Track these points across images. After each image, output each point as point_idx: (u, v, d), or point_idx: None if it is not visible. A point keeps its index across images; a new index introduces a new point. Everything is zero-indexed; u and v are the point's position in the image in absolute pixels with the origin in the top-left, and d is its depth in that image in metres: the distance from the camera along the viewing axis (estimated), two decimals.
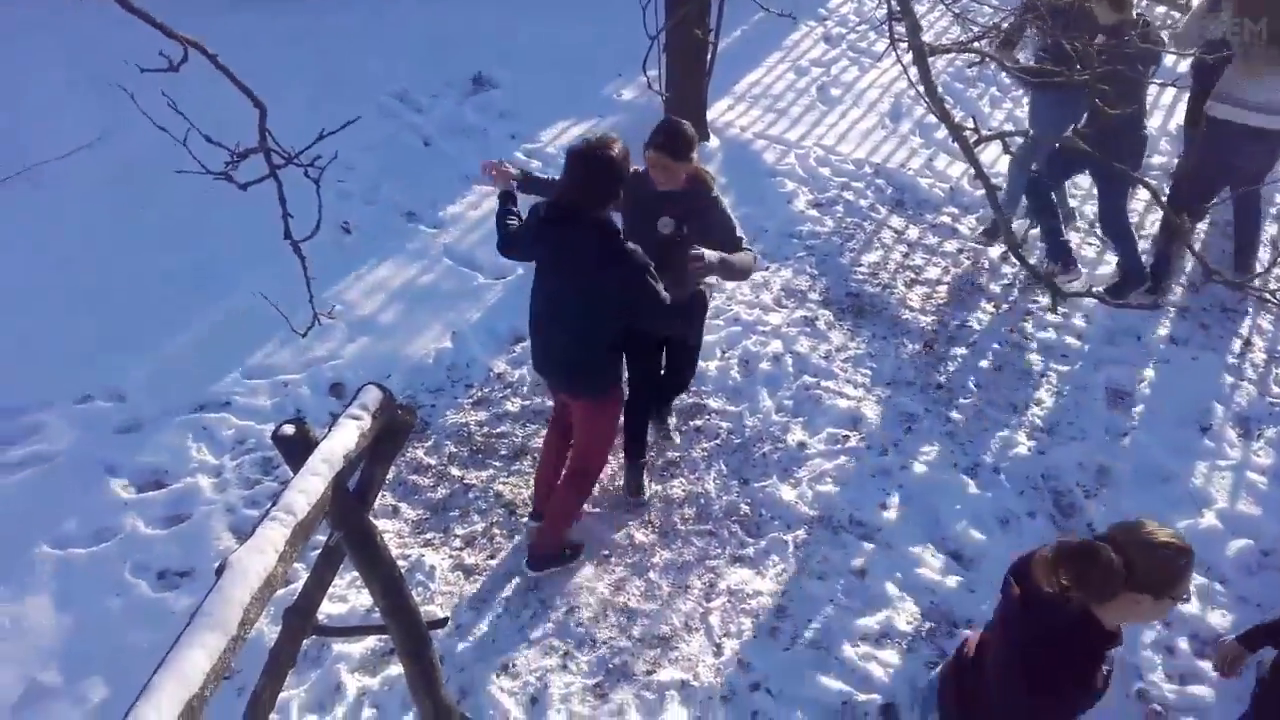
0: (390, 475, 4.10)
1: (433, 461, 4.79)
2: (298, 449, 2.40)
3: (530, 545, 4.37)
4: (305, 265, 2.53)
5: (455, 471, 4.75)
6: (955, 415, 5.08)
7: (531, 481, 4.59)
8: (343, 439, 2.39)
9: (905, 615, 4.25)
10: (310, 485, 2.27)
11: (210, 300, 5.44)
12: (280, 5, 7.77)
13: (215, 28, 7.54)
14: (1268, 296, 3.59)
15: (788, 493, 4.69)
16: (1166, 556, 2.38)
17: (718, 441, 4.93)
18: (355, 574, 4.03)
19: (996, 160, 6.50)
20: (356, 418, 2.46)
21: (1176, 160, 6.64)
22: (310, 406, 5.00)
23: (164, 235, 5.67)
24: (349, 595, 4.20)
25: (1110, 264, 5.98)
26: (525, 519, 4.52)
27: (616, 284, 3.60)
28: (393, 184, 6.24)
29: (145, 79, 2.13)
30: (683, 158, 3.82)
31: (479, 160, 6.45)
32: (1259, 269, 5.74)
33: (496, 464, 4.79)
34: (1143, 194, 6.35)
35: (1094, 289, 3.58)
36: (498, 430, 4.94)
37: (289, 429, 2.40)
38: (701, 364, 5.25)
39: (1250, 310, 5.73)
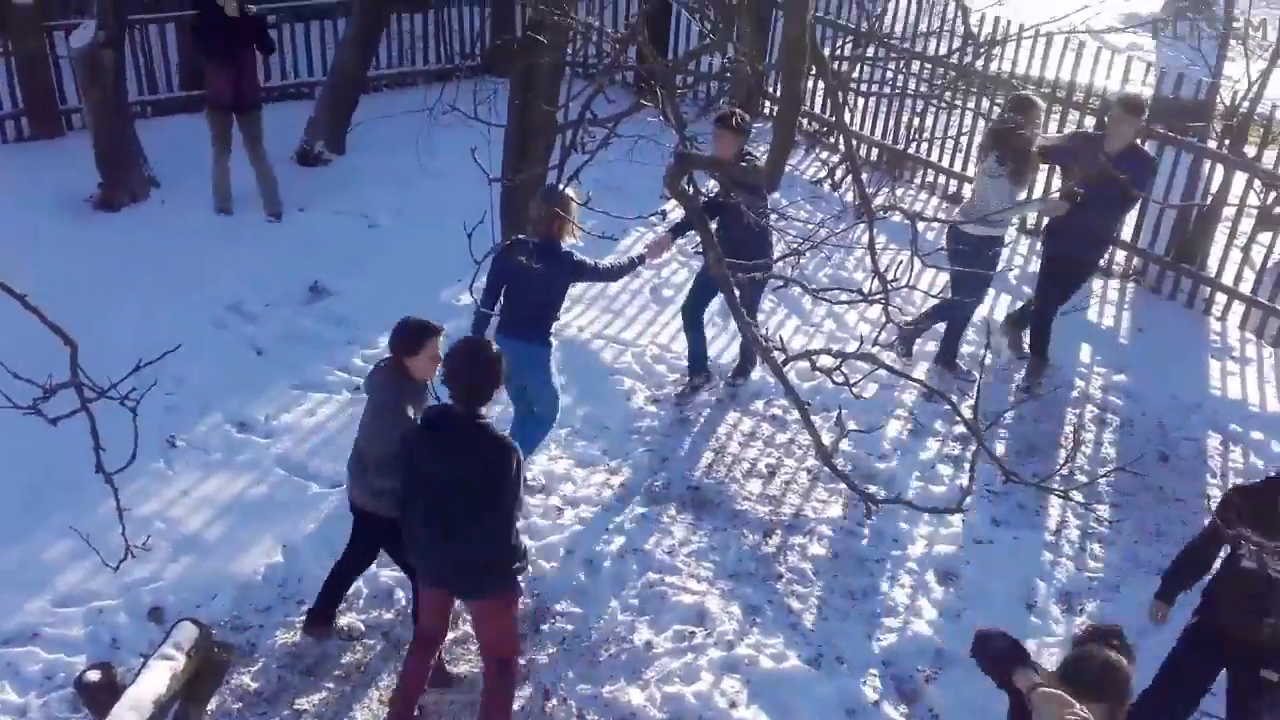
0: (213, 704, 3.85)
1: (259, 686, 4.52)
2: (103, 696, 2.26)
3: None
4: (118, 498, 2.45)
5: (284, 696, 4.49)
6: (796, 605, 5.15)
7: (374, 703, 4.38)
8: (153, 683, 2.26)
9: None
10: None
11: (25, 527, 5.15)
12: (130, 217, 7.87)
13: (62, 238, 7.45)
14: (1065, 496, 3.86)
15: (636, 696, 4.62)
16: None
17: (563, 645, 4.84)
18: None
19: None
20: (169, 658, 2.34)
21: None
22: (127, 635, 4.68)
23: None
24: None
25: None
26: None
27: (499, 471, 3.88)
28: (223, 395, 6.12)
29: None
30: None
31: (316, 366, 6.46)
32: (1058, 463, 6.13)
33: (329, 685, 4.56)
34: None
35: (901, 496, 3.78)
36: (331, 649, 4.73)
37: (93, 674, 2.27)
38: (544, 565, 5.21)
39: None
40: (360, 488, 4.46)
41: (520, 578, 4.24)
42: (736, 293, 3.22)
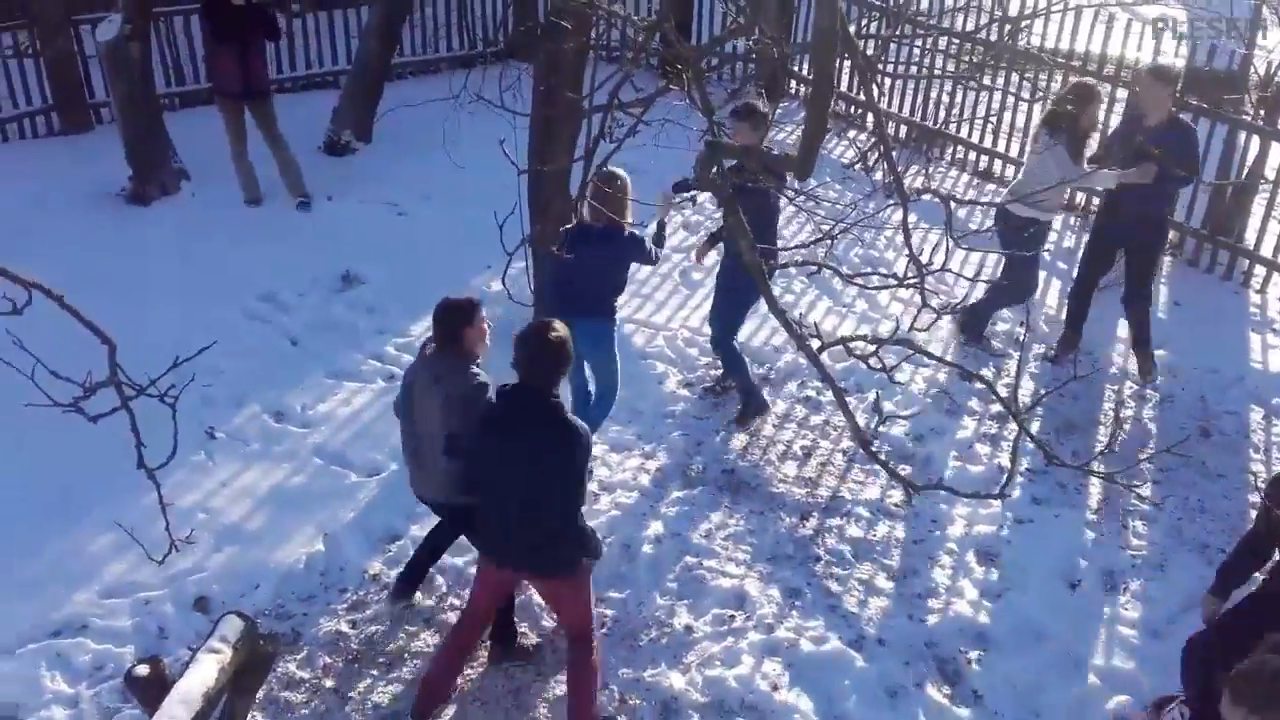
0: (260, 694, 3.88)
1: (305, 675, 4.55)
2: (153, 691, 2.27)
3: None
4: (160, 492, 2.46)
5: (330, 684, 4.52)
6: (836, 587, 5.13)
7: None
8: (201, 676, 2.27)
9: None
10: None
11: (68, 521, 5.20)
12: (161, 210, 7.95)
13: (100, 239, 7.55)
14: (1110, 478, 3.80)
15: (678, 680, 4.61)
16: None
17: (604, 631, 4.85)
18: None
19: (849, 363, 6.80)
20: (216, 651, 2.35)
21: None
22: (173, 624, 4.74)
23: (17, 463, 5.43)
24: None
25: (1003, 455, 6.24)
26: None
27: (571, 451, 3.93)
28: (260, 386, 6.16)
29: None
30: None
31: (350, 355, 6.49)
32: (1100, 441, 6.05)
33: (374, 673, 4.59)
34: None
35: (940, 479, 3.73)
36: (375, 636, 4.76)
37: (142, 669, 2.28)
38: None
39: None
40: (427, 481, 4.51)
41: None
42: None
